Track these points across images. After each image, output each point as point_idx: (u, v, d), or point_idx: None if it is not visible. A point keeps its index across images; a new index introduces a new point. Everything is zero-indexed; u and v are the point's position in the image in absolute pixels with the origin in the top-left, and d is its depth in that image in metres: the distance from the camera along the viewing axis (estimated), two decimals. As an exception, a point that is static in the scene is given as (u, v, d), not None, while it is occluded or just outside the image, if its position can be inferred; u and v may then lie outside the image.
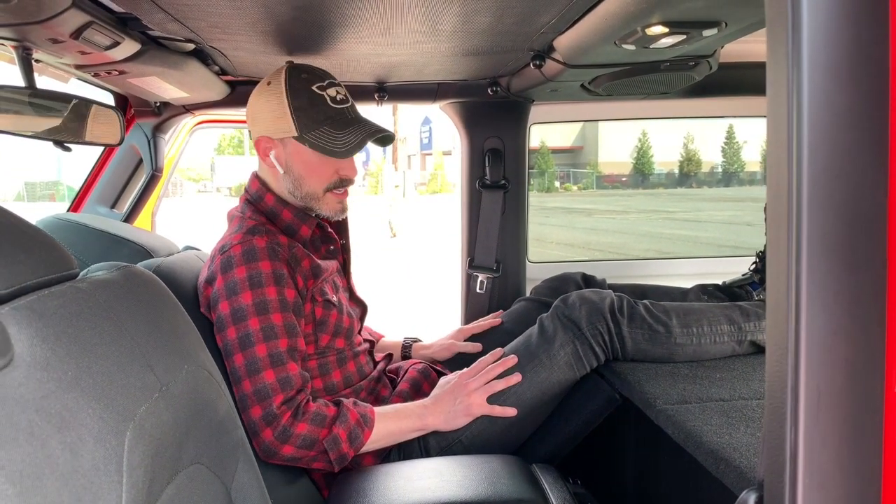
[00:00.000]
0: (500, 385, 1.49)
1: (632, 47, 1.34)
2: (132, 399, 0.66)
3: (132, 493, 0.61)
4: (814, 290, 0.40)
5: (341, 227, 1.67)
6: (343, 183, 1.52)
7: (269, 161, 1.50)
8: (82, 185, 2.23)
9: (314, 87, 1.46)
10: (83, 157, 2.26)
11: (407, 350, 1.89)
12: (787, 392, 0.41)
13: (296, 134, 1.45)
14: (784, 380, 0.41)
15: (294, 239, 1.49)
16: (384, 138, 1.54)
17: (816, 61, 0.38)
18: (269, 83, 1.48)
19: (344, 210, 1.56)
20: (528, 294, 2.13)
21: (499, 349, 1.59)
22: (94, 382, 0.62)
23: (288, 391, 1.31)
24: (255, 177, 1.56)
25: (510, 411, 1.48)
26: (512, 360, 1.53)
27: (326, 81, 1.48)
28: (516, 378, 1.49)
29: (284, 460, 1.32)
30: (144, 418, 0.67)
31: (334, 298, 1.50)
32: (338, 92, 1.49)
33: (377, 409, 1.42)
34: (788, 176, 0.40)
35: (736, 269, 2.13)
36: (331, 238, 1.62)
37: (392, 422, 1.42)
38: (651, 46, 1.33)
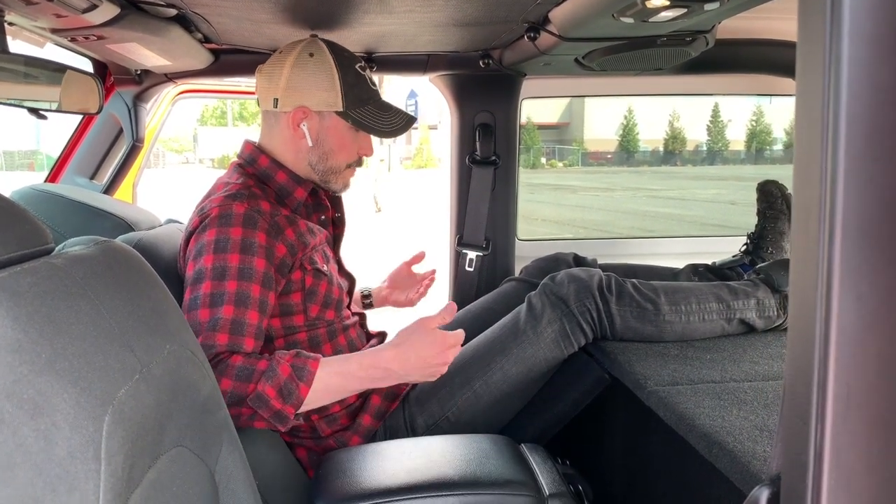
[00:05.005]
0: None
1: (630, 20, 1.30)
2: (111, 382, 0.63)
3: (111, 482, 0.58)
4: (848, 281, 0.37)
5: (335, 200, 1.64)
6: (360, 161, 1.56)
7: (300, 132, 1.47)
8: (60, 155, 2.17)
9: (357, 67, 1.48)
10: (63, 126, 2.20)
11: (368, 300, 1.87)
12: (813, 387, 0.39)
13: (341, 109, 1.45)
14: (810, 374, 0.39)
15: (284, 204, 1.46)
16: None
17: (859, 31, 0.35)
18: (311, 54, 1.44)
19: (349, 185, 1.59)
20: (517, 272, 2.11)
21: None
22: (70, 365, 0.59)
23: (208, 353, 1.20)
24: (248, 142, 1.54)
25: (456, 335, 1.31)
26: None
27: (363, 63, 1.51)
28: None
29: None
30: (124, 402, 0.63)
31: (325, 268, 1.47)
32: (371, 75, 1.52)
33: (324, 360, 1.27)
34: (822, 157, 0.37)
35: (726, 248, 2.13)
36: (323, 206, 1.59)
37: (338, 375, 1.27)
38: (650, 20, 1.29)
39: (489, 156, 2.13)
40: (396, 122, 1.50)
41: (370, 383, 1.30)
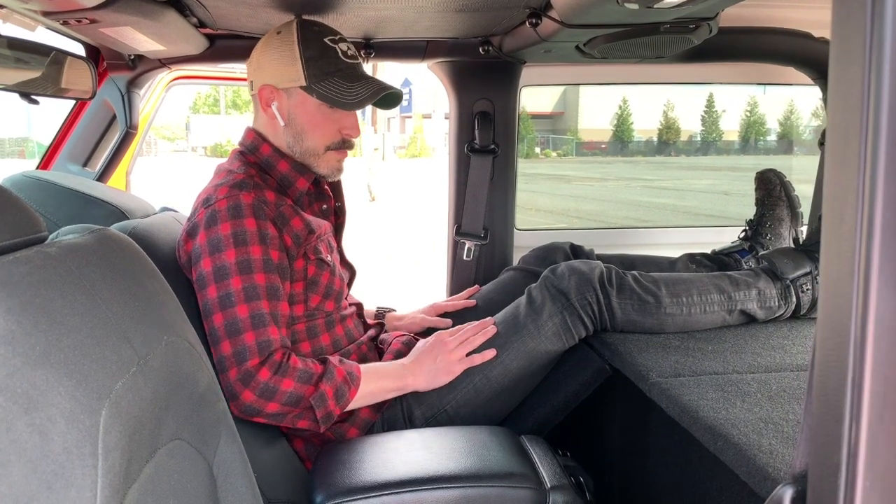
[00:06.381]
0: (479, 343, 1.49)
1: (634, 6, 1.27)
2: (107, 375, 0.61)
3: (108, 478, 0.56)
4: (886, 272, 0.35)
5: (336, 189, 1.62)
6: (344, 143, 1.49)
7: (270, 112, 1.45)
8: (52, 141, 2.14)
9: (326, 40, 1.42)
10: (55, 112, 2.17)
11: (380, 320, 1.86)
12: (847, 384, 0.37)
13: (304, 84, 1.41)
14: (844, 370, 0.37)
15: (286, 194, 1.44)
16: (391, 99, 1.51)
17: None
18: (278, 32, 1.43)
19: (340, 171, 1.52)
20: (515, 262, 2.09)
21: (489, 319, 1.55)
22: (66, 357, 0.57)
23: (265, 352, 1.27)
24: (250, 129, 1.51)
25: (489, 354, 1.47)
26: (492, 330, 1.51)
27: (338, 36, 1.45)
28: (491, 353, 1.47)
29: (268, 418, 1.28)
30: (121, 395, 0.62)
31: (328, 258, 1.46)
32: (349, 48, 1.46)
33: (362, 367, 1.40)
34: (860, 143, 0.36)
35: (721, 238, 2.12)
36: (325, 196, 1.57)
37: (374, 381, 1.40)
38: (655, 6, 1.27)
39: (488, 144, 2.11)
40: (362, 93, 1.41)
41: (398, 387, 1.44)
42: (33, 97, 1.51)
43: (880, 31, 0.35)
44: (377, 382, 1.40)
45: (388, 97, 1.50)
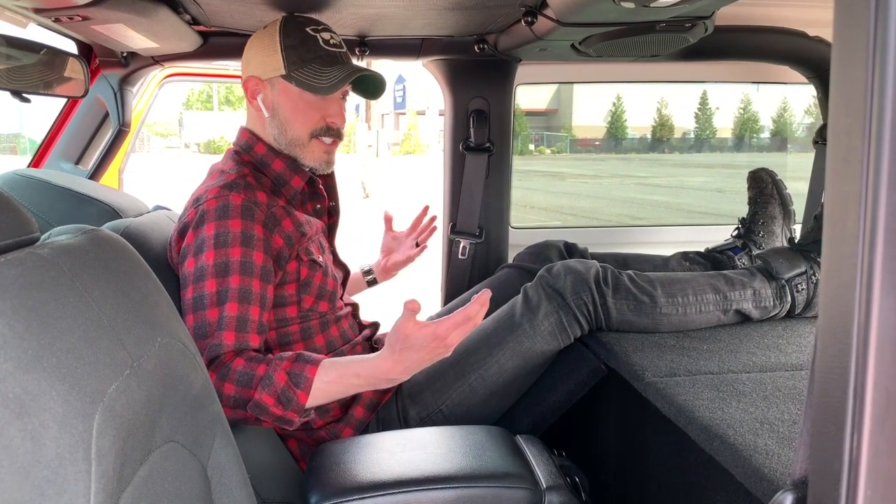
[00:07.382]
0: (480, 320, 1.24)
1: (630, 5, 1.27)
2: (101, 378, 0.60)
3: (101, 483, 0.55)
4: (890, 280, 0.35)
5: (330, 188, 1.60)
6: (329, 130, 1.46)
7: (256, 104, 1.44)
8: (44, 139, 2.12)
9: (308, 29, 1.41)
10: (47, 109, 2.15)
11: (370, 276, 1.88)
12: (849, 392, 0.37)
13: (284, 72, 1.40)
14: (845, 378, 0.37)
15: (280, 194, 1.43)
16: (374, 88, 1.49)
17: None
18: (265, 27, 1.44)
19: (330, 163, 1.50)
20: (510, 260, 2.09)
21: (486, 291, 1.28)
22: (58, 361, 0.56)
23: (213, 355, 1.23)
24: (244, 129, 1.50)
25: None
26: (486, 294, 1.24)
27: (321, 26, 1.44)
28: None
29: (231, 421, 1.17)
30: (114, 398, 0.61)
31: (320, 259, 1.45)
32: (332, 37, 1.45)
33: (323, 365, 1.23)
34: (863, 147, 0.35)
35: (716, 237, 2.12)
36: (319, 195, 1.55)
37: (337, 384, 1.24)
38: (651, 5, 1.27)
39: (483, 142, 2.10)
40: (336, 76, 1.39)
41: (371, 388, 1.29)
42: (24, 95, 1.49)
43: (884, 31, 0.34)
44: (341, 384, 1.24)
45: (371, 85, 1.48)
